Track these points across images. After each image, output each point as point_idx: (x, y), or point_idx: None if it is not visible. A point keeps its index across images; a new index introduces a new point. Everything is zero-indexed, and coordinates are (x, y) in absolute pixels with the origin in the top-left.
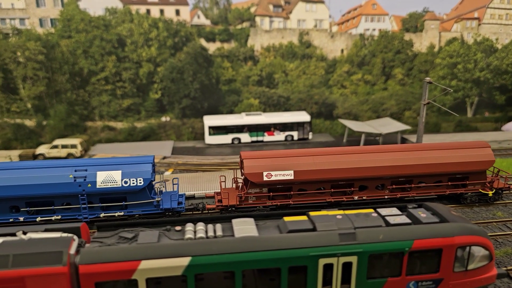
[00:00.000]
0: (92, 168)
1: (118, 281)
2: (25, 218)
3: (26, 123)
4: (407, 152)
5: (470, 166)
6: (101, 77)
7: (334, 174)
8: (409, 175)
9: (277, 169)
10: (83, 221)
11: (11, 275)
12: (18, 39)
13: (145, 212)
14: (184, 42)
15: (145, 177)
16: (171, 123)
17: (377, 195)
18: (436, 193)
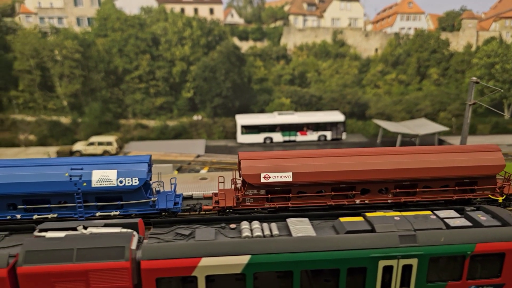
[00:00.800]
0: (87, 167)
1: (178, 278)
2: (22, 216)
3: (62, 120)
4: (411, 155)
5: (478, 170)
6: (135, 75)
7: (334, 176)
8: (413, 179)
9: (275, 171)
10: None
11: (75, 268)
12: (56, 37)
13: (141, 212)
14: (217, 41)
15: (141, 177)
16: (202, 122)
17: (380, 199)
18: (443, 198)
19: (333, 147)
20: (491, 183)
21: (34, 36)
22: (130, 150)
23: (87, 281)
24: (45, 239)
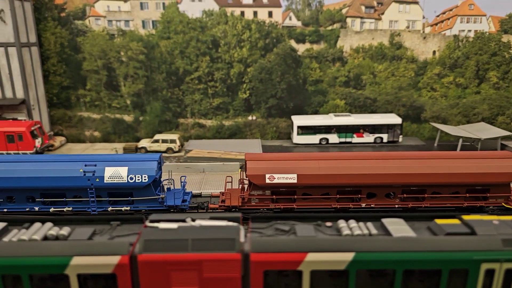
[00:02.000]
0: (101, 164)
1: (284, 271)
2: (40, 208)
3: (125, 118)
4: (419, 160)
5: (490, 177)
6: (194, 76)
7: (339, 179)
8: (420, 184)
9: (280, 172)
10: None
11: (190, 258)
12: (122, 39)
13: (150, 208)
14: (275, 43)
15: (150, 174)
16: (256, 122)
17: (387, 204)
18: (453, 205)
19: (389, 150)
20: (505, 191)
21: (102, 38)
22: (192, 148)
23: (200, 270)
24: (159, 229)
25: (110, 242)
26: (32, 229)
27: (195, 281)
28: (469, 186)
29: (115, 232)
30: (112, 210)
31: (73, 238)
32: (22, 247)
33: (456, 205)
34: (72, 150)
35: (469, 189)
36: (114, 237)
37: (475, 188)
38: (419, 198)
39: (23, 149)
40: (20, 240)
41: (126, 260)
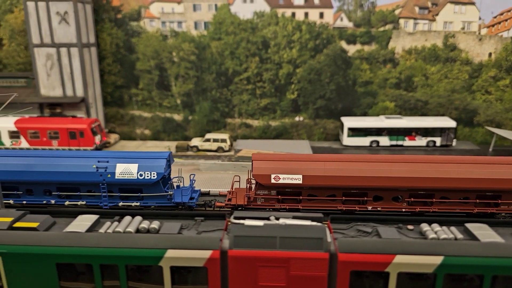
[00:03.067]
0: (112, 160)
1: (371, 272)
2: (56, 201)
3: (175, 117)
4: (427, 164)
5: (501, 183)
6: (243, 77)
7: (345, 181)
8: (428, 188)
9: (285, 173)
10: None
11: (279, 255)
12: (174, 40)
13: (159, 204)
14: (325, 44)
15: (159, 172)
16: (303, 123)
17: (394, 207)
18: (462, 210)
19: (442, 154)
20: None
21: (155, 39)
22: (241, 148)
23: (287, 268)
24: (246, 226)
25: (202, 237)
26: (124, 222)
27: (282, 277)
28: (479, 191)
29: (201, 228)
30: (122, 205)
31: (163, 231)
32: (119, 239)
33: (465, 211)
34: (125, 147)
35: (479, 195)
36: (201, 232)
37: (486, 194)
38: (428, 202)
39: (84, 145)
40: (115, 232)
41: (217, 255)
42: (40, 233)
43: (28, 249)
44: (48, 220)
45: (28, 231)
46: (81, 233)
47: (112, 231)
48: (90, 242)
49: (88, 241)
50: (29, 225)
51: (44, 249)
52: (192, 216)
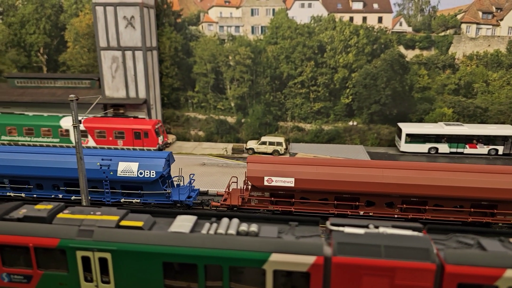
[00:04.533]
0: (115, 159)
1: (479, 285)
2: (63, 196)
3: (228, 120)
4: (420, 171)
5: (496, 193)
6: (298, 81)
7: (336, 186)
8: (421, 195)
9: (278, 175)
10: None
11: (383, 264)
12: (231, 44)
13: (158, 201)
14: (383, 49)
15: (157, 171)
16: (357, 128)
17: (386, 213)
18: (456, 219)
19: (504, 163)
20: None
21: (213, 43)
22: (297, 152)
23: (392, 277)
24: (347, 233)
25: (306, 243)
26: (223, 224)
27: (386, 287)
28: (473, 200)
29: (297, 232)
30: (124, 202)
31: (263, 235)
32: (224, 241)
33: (459, 219)
34: (182, 148)
35: (474, 204)
36: (299, 237)
37: (481, 203)
38: (421, 209)
39: (148, 145)
40: (218, 234)
41: (321, 261)
42: (147, 232)
43: (136, 247)
44: (149, 219)
45: (134, 229)
46: (186, 233)
47: (214, 232)
48: (195, 243)
49: (194, 242)
50: (134, 224)
51: (151, 248)
52: (285, 220)
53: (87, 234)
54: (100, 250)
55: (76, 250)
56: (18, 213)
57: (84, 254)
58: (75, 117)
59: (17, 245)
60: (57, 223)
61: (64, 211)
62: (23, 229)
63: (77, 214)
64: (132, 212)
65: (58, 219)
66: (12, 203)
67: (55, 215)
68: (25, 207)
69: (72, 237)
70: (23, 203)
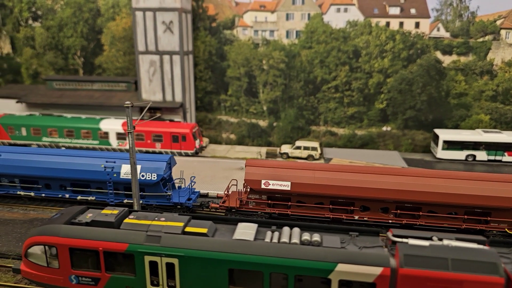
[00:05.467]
0: (119, 161)
1: None
2: (70, 196)
3: (260, 123)
4: (414, 178)
5: (490, 201)
6: (332, 85)
7: (331, 190)
8: (415, 201)
9: (275, 179)
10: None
11: (451, 277)
12: (265, 48)
13: (159, 203)
14: (419, 54)
15: (158, 173)
16: (391, 133)
17: (380, 218)
18: (450, 225)
19: None
20: (509, 216)
21: (247, 47)
22: (332, 157)
23: None
24: (412, 245)
25: (372, 254)
26: (285, 233)
27: None
28: (467, 207)
29: (359, 243)
30: (127, 203)
31: (326, 245)
32: (290, 250)
33: (453, 226)
34: (215, 151)
35: (468, 211)
36: (361, 247)
37: (474, 211)
38: (415, 215)
39: (185, 148)
40: (282, 243)
41: (387, 272)
42: (212, 239)
43: (202, 253)
44: (212, 226)
45: (199, 236)
46: (251, 241)
47: (278, 241)
48: (261, 251)
49: (260, 250)
50: (199, 231)
51: (217, 255)
52: (345, 230)
53: (154, 240)
54: (168, 255)
55: (144, 255)
56: (85, 217)
57: (152, 259)
58: (130, 123)
59: (87, 249)
60: (125, 228)
61: (130, 216)
62: (93, 234)
63: (143, 220)
64: (194, 219)
65: (125, 224)
66: (77, 207)
67: (122, 220)
68: (91, 211)
69: (140, 242)
70: (87, 207)
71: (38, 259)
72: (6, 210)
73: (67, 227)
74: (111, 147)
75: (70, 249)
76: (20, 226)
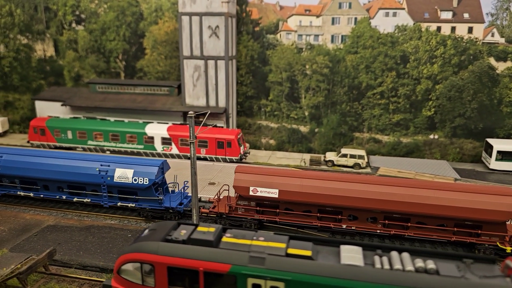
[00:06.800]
0: (113, 165)
1: None
2: (66, 197)
3: (301, 129)
4: (403, 188)
5: (481, 214)
6: (377, 91)
7: (319, 199)
8: (403, 212)
9: (263, 186)
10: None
11: None
12: (309, 53)
13: (151, 207)
14: (471, 61)
15: (150, 178)
16: (437, 141)
17: (368, 228)
18: (439, 237)
19: None
20: (501, 230)
21: (290, 52)
22: (379, 166)
23: None
24: None
25: (496, 285)
26: (395, 258)
27: None
28: (457, 220)
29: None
30: (120, 205)
31: (444, 273)
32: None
33: (442, 238)
34: (257, 157)
35: (458, 223)
36: (482, 277)
37: (465, 223)
38: (405, 226)
39: (230, 155)
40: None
41: None
42: (321, 263)
43: (310, 278)
44: (314, 248)
45: (305, 259)
46: (362, 267)
47: (390, 267)
48: (375, 278)
49: (373, 277)
50: (303, 253)
51: (327, 280)
52: (456, 256)
53: (258, 262)
54: (273, 279)
55: (248, 277)
56: (180, 234)
57: (256, 281)
58: (192, 133)
59: (186, 268)
60: (225, 248)
61: (226, 234)
62: (193, 252)
63: (241, 239)
64: (292, 239)
65: (224, 243)
66: (166, 222)
67: (220, 239)
68: (183, 227)
69: (244, 264)
70: (178, 224)
71: (132, 276)
72: (60, 216)
73: (165, 244)
74: (155, 152)
75: (168, 268)
76: (78, 234)
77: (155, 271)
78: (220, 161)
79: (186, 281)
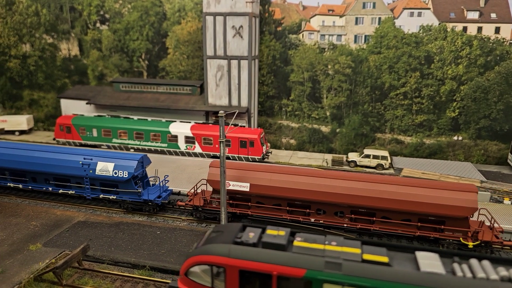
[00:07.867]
0: (95, 158)
1: None
2: (52, 189)
3: (322, 129)
4: (368, 183)
5: (443, 209)
6: (400, 92)
7: (287, 193)
8: (367, 206)
9: (235, 180)
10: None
11: None
12: (331, 53)
13: (131, 199)
14: (497, 61)
15: (129, 171)
16: (461, 143)
17: (336, 222)
18: (404, 232)
19: None
20: (463, 225)
21: (312, 52)
22: (402, 167)
23: None
24: None
25: None
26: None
27: None
28: (420, 215)
29: None
30: (102, 197)
31: None
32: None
33: (407, 233)
34: (278, 157)
35: (422, 219)
36: None
37: (428, 218)
38: (370, 221)
39: (253, 154)
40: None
41: None
42: (400, 271)
43: (389, 285)
44: (389, 254)
45: (382, 265)
46: (445, 275)
47: (473, 276)
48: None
49: (458, 285)
50: (380, 259)
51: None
52: None
53: (335, 267)
54: (351, 285)
55: (324, 282)
56: (249, 237)
57: (332, 287)
58: (222, 132)
59: (259, 272)
60: (299, 252)
61: (297, 238)
62: (266, 256)
63: (312, 243)
64: (364, 244)
65: (297, 247)
66: (232, 224)
67: (291, 243)
68: (250, 230)
69: (320, 269)
70: (243, 226)
71: (201, 278)
72: (89, 212)
73: (237, 247)
74: (179, 151)
75: (240, 271)
76: (108, 230)
77: (226, 274)
78: (243, 160)
79: (257, 285)
